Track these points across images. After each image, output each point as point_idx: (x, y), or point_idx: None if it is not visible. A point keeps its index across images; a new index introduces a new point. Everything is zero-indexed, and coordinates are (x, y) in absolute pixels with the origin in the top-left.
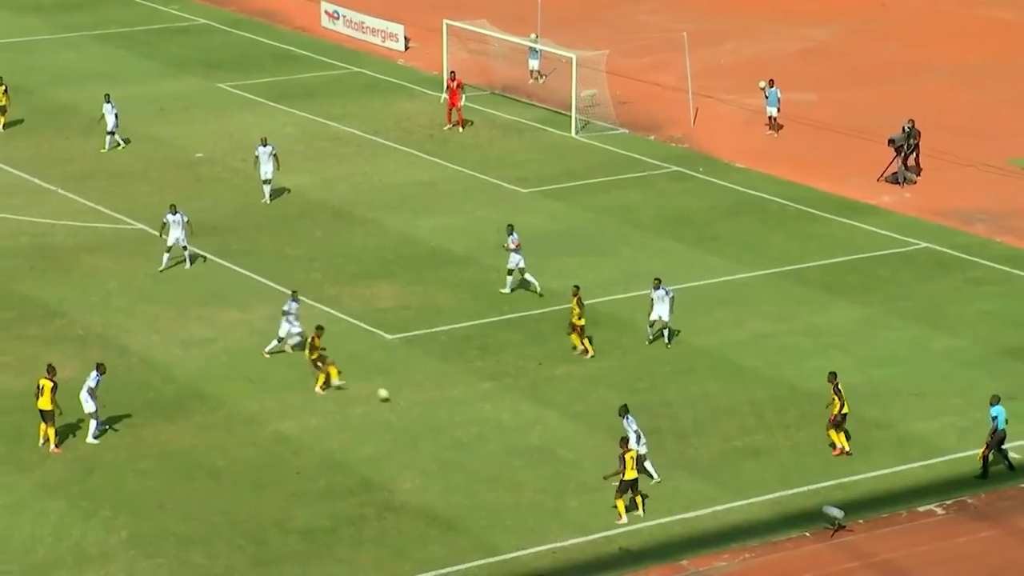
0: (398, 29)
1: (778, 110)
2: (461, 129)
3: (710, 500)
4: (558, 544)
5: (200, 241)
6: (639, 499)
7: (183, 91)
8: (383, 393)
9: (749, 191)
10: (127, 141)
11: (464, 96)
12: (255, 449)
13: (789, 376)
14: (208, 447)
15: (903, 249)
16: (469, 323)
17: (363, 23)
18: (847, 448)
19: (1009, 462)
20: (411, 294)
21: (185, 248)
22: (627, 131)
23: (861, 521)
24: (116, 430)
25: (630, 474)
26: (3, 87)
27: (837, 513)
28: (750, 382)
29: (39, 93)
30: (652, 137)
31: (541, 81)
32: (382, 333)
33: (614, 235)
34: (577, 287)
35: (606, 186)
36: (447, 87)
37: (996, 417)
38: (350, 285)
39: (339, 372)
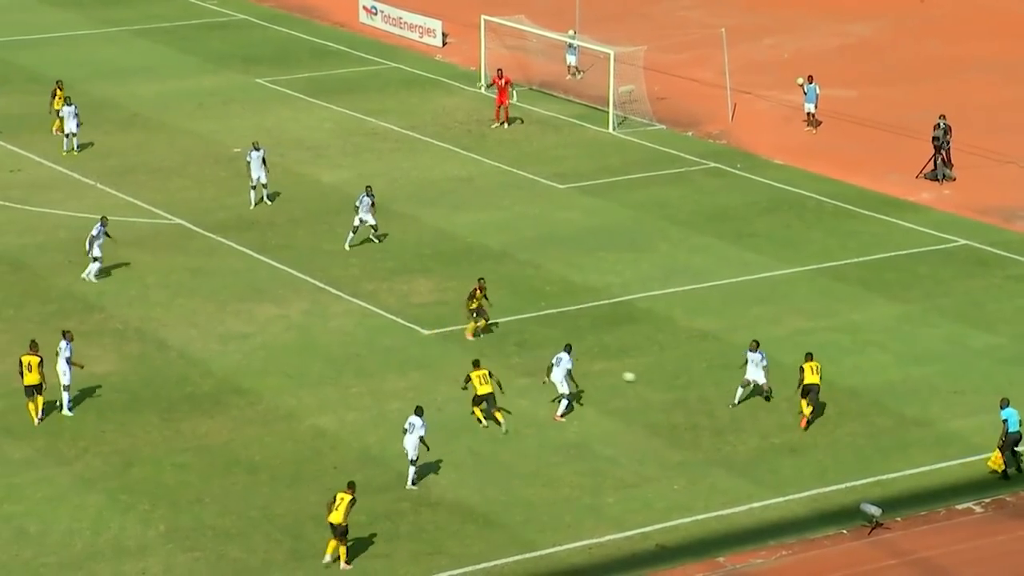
0: (436, 24)
1: (816, 106)
2: (507, 126)
3: (747, 497)
4: (595, 540)
5: (237, 236)
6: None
7: (222, 86)
8: (629, 376)
9: (787, 187)
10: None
11: (515, 93)
12: (292, 444)
13: (827, 373)
14: (246, 441)
15: (942, 246)
16: (506, 319)
17: (401, 18)
18: (806, 415)
19: (1019, 465)
20: (448, 289)
21: (264, 186)
22: (665, 127)
23: (899, 519)
24: (154, 424)
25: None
26: (59, 91)
27: (875, 511)
28: (788, 379)
29: (79, 88)
30: (690, 133)
31: (579, 77)
32: (418, 328)
33: (652, 231)
34: (481, 279)
35: (644, 182)
36: (495, 84)
37: (1007, 420)
38: (387, 280)
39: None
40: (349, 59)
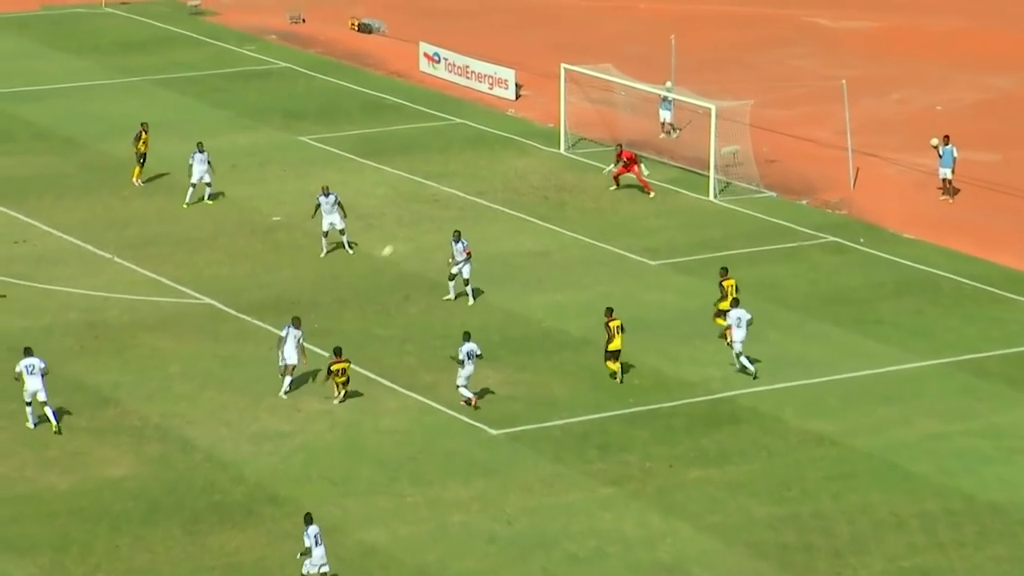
0: (508, 74)
1: (953, 171)
2: (651, 195)
3: None
4: None
5: (275, 319)
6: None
7: (259, 144)
8: (387, 250)
9: (919, 266)
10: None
11: (644, 169)
12: (337, 562)
13: (965, 485)
14: (282, 559)
15: None
16: (587, 417)
17: (468, 67)
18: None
19: None
20: (519, 382)
21: (342, 232)
22: (775, 194)
23: None
24: (176, 538)
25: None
26: (144, 133)
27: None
28: (919, 491)
29: (93, 147)
30: (804, 202)
31: (674, 135)
32: (485, 428)
33: (759, 316)
34: (610, 309)
35: (750, 259)
36: (618, 160)
37: None
38: (449, 371)
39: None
40: (407, 114)
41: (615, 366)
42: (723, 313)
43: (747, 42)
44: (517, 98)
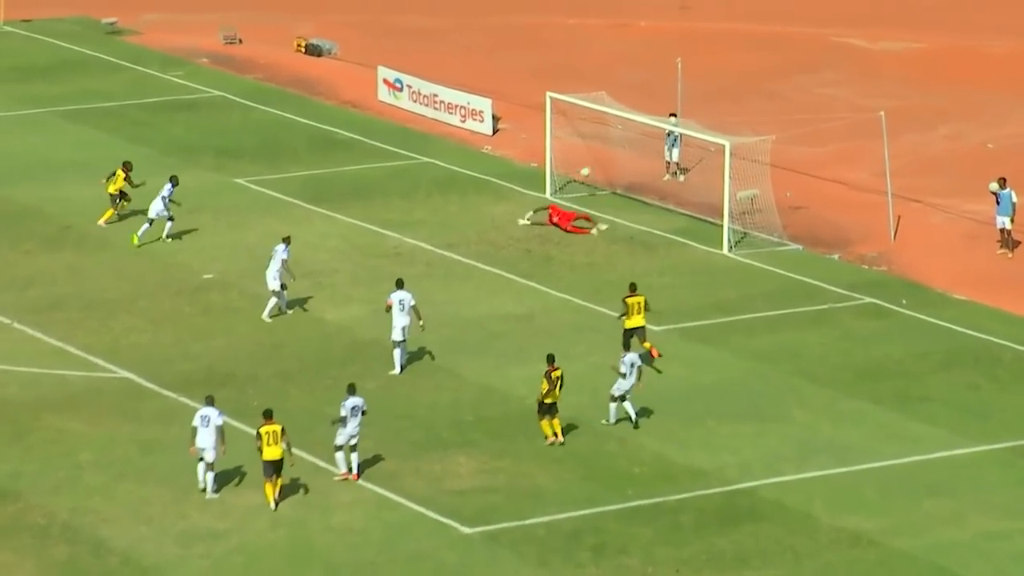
0: (484, 104)
1: (1013, 220)
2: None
3: None
4: None
5: (206, 395)
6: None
7: (187, 188)
8: (584, 171)
9: (973, 333)
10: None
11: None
12: None
13: None
14: None
15: None
16: (578, 512)
17: (436, 96)
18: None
19: None
20: (498, 471)
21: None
22: (801, 247)
23: None
24: None
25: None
26: (121, 171)
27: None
28: None
29: None
30: (836, 256)
31: (681, 178)
32: (457, 525)
33: (782, 392)
34: (552, 356)
35: (771, 324)
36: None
37: None
38: (414, 458)
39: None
40: (363, 152)
41: (549, 427)
42: (630, 333)
43: (767, 66)
44: (494, 133)
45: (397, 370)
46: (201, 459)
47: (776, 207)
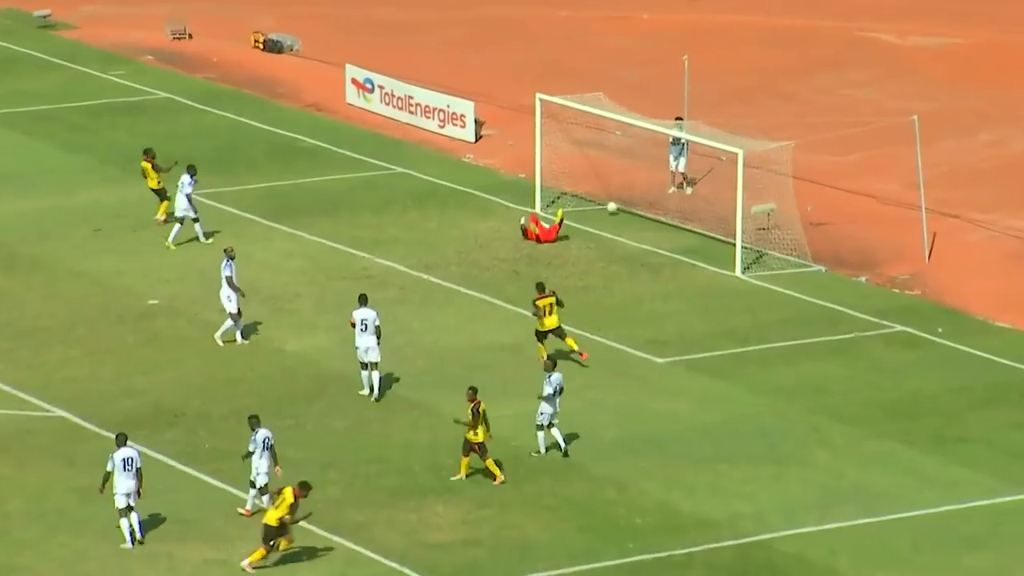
0: (466, 108)
1: None
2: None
3: None
4: None
5: (152, 437)
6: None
7: (130, 202)
8: (612, 207)
9: (1017, 365)
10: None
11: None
12: None
13: None
14: None
15: None
16: (572, 568)
17: (411, 98)
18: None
19: None
20: (481, 521)
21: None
22: (823, 268)
23: None
24: None
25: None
26: (146, 163)
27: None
28: None
29: None
30: (863, 279)
31: (688, 190)
32: None
33: (803, 431)
34: (474, 389)
35: (790, 354)
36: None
37: None
38: (387, 507)
39: None
40: (330, 161)
41: (464, 464)
42: (544, 335)
43: (785, 64)
44: (478, 139)
45: (367, 391)
46: (127, 507)
47: (797, 222)
